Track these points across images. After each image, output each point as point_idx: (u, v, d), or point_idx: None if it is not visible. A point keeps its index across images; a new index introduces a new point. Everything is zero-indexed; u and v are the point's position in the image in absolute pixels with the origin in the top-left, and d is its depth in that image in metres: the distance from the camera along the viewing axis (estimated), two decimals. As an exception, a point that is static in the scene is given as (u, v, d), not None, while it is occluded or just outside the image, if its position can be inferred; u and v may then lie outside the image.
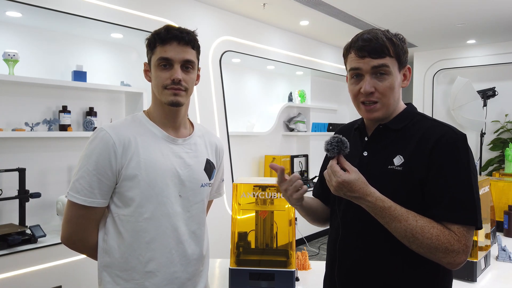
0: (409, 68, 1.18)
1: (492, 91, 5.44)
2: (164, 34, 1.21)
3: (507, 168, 3.51)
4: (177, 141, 1.29)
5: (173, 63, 1.22)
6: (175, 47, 1.21)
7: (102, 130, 1.21)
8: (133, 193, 1.20)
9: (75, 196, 1.18)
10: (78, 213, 1.21)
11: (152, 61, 1.25)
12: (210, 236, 1.45)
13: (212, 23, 3.87)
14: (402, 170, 1.09)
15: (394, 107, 1.16)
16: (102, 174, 1.18)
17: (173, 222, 1.24)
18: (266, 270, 1.62)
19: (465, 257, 1.03)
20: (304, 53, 5.06)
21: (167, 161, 1.24)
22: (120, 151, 1.18)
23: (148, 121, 1.28)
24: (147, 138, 1.24)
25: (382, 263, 1.12)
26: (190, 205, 1.29)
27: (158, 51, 1.22)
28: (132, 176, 1.19)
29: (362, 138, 1.23)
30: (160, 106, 1.27)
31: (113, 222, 1.23)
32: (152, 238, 1.21)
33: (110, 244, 1.23)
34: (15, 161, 2.76)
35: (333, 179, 1.07)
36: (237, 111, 4.78)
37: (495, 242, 2.27)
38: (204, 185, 1.33)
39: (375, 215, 1.06)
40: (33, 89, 2.89)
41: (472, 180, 1.05)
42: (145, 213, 1.21)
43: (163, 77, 1.22)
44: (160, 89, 1.23)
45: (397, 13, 4.24)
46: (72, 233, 1.23)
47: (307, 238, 5.00)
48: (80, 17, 2.81)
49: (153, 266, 1.21)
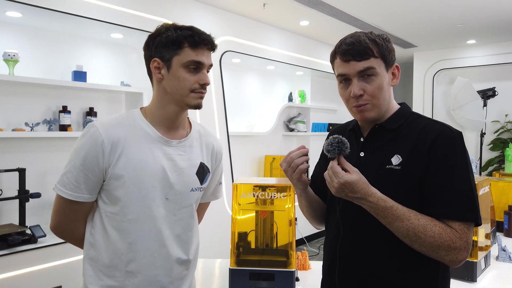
0: (397, 67, 1.18)
1: (492, 91, 5.44)
2: (198, 38, 1.20)
3: (507, 168, 3.51)
4: (171, 142, 1.26)
5: (203, 68, 1.22)
6: (205, 51, 1.22)
7: (93, 127, 1.19)
8: (119, 192, 1.19)
9: (61, 189, 1.19)
10: (65, 206, 1.22)
11: (175, 61, 1.20)
12: (210, 236, 1.45)
13: (212, 23, 3.87)
14: (401, 169, 1.09)
15: (386, 106, 1.17)
16: (89, 170, 1.17)
17: (157, 225, 1.22)
18: (266, 270, 1.62)
19: (466, 254, 1.03)
20: (304, 53, 5.06)
21: (157, 162, 1.22)
22: (108, 149, 1.17)
23: (144, 120, 1.26)
24: (139, 138, 1.22)
25: (383, 263, 1.11)
26: (177, 208, 1.26)
27: (187, 53, 1.19)
28: (119, 176, 1.18)
29: (357, 139, 1.23)
30: (165, 106, 1.25)
31: (100, 218, 1.23)
32: (135, 239, 1.20)
33: (97, 238, 1.23)
34: (15, 161, 2.76)
35: (334, 180, 1.06)
36: (237, 111, 4.78)
37: (495, 242, 2.27)
38: (195, 190, 1.30)
39: (377, 215, 1.06)
40: (33, 89, 2.89)
41: (471, 177, 1.06)
42: (129, 214, 1.20)
43: (192, 80, 1.21)
44: (186, 92, 1.21)
45: (397, 13, 4.24)
46: (59, 223, 1.25)
47: (307, 238, 5.00)
48: (80, 17, 2.81)
49: (134, 267, 1.21)
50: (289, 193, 1.69)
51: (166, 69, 1.22)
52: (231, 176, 3.99)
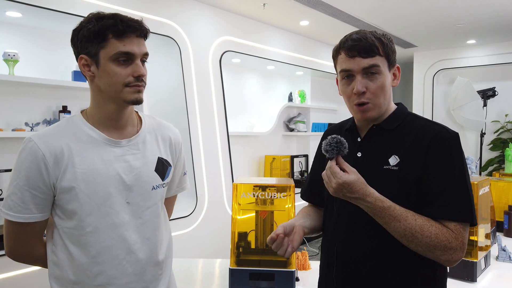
0: (398, 68, 1.18)
1: (492, 91, 5.44)
2: (122, 26, 1.08)
3: (507, 168, 3.51)
4: (120, 143, 1.16)
5: (134, 58, 1.10)
6: (134, 39, 1.10)
7: (30, 141, 1.09)
8: (72, 205, 1.10)
9: (8, 213, 1.10)
10: (17, 229, 1.13)
11: (102, 55, 1.09)
12: (210, 236, 1.45)
13: (212, 23, 3.87)
14: (398, 170, 1.09)
15: (386, 106, 1.16)
16: (34, 188, 1.08)
17: (121, 232, 1.14)
18: (266, 270, 1.62)
19: (462, 254, 1.04)
20: (304, 53, 5.06)
21: (109, 167, 1.13)
22: (52, 162, 1.08)
23: (86, 123, 1.15)
24: (83, 144, 1.12)
25: (380, 263, 1.11)
26: (141, 210, 1.18)
27: (113, 44, 1.08)
28: (69, 188, 1.09)
29: (354, 139, 1.22)
30: (104, 105, 1.15)
31: (59, 234, 1.15)
32: (98, 251, 1.12)
33: (60, 256, 1.15)
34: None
35: (332, 181, 1.07)
36: (237, 111, 4.78)
37: (495, 242, 2.27)
38: (156, 187, 1.21)
39: (374, 215, 1.06)
40: (33, 89, 2.89)
41: (466, 178, 1.07)
42: (87, 226, 1.11)
43: (124, 73, 1.09)
44: (120, 87, 1.10)
45: (397, 13, 4.24)
46: (14, 248, 1.16)
47: (307, 238, 4.98)
48: (80, 17, 2.80)
49: (103, 279, 1.13)
50: (289, 193, 1.69)
51: (95, 65, 1.11)
52: (231, 176, 4.00)
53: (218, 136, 3.91)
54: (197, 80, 3.69)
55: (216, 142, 3.88)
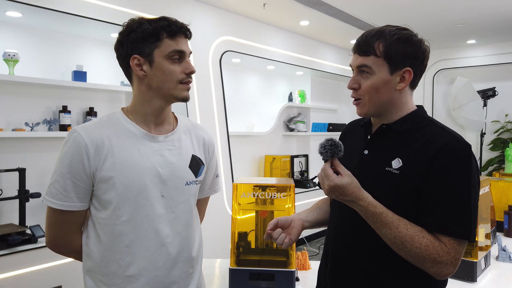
0: (410, 71, 1.09)
1: (492, 91, 5.44)
2: (175, 27, 1.17)
3: (507, 168, 3.51)
4: (158, 138, 1.22)
5: (185, 56, 1.20)
6: (183, 39, 1.19)
7: (74, 132, 1.16)
8: (109, 195, 1.15)
9: (51, 201, 1.14)
10: (58, 218, 1.17)
11: (157, 54, 1.16)
12: (210, 236, 1.45)
13: (212, 23, 3.87)
14: (399, 174, 1.07)
15: (388, 107, 1.13)
16: (76, 177, 1.13)
17: (155, 224, 1.18)
18: (266, 270, 1.62)
19: (453, 269, 1.01)
20: (304, 53, 5.06)
21: (146, 160, 1.17)
22: (93, 152, 1.13)
23: (126, 119, 1.21)
24: (123, 137, 1.18)
25: (375, 264, 1.11)
26: (175, 205, 1.22)
27: (167, 43, 1.16)
28: (107, 178, 1.14)
29: (366, 136, 1.21)
30: (150, 101, 1.21)
31: (93, 225, 1.19)
32: (132, 241, 1.16)
33: (91, 247, 1.19)
34: (15, 161, 2.75)
35: (325, 183, 1.06)
36: (237, 111, 4.78)
37: (495, 242, 2.27)
38: (190, 183, 1.25)
39: (367, 219, 1.06)
40: (33, 89, 2.89)
41: (471, 193, 1.02)
42: (122, 216, 1.15)
43: (178, 70, 1.18)
44: (174, 84, 1.18)
45: (397, 13, 4.24)
46: (55, 237, 1.20)
47: (307, 238, 5.00)
48: (80, 17, 2.81)
49: (134, 270, 1.16)
50: (289, 193, 1.69)
51: (148, 64, 1.17)
52: (231, 176, 3.99)
53: (218, 136, 3.91)
54: (197, 80, 3.69)
55: (216, 142, 3.88)
